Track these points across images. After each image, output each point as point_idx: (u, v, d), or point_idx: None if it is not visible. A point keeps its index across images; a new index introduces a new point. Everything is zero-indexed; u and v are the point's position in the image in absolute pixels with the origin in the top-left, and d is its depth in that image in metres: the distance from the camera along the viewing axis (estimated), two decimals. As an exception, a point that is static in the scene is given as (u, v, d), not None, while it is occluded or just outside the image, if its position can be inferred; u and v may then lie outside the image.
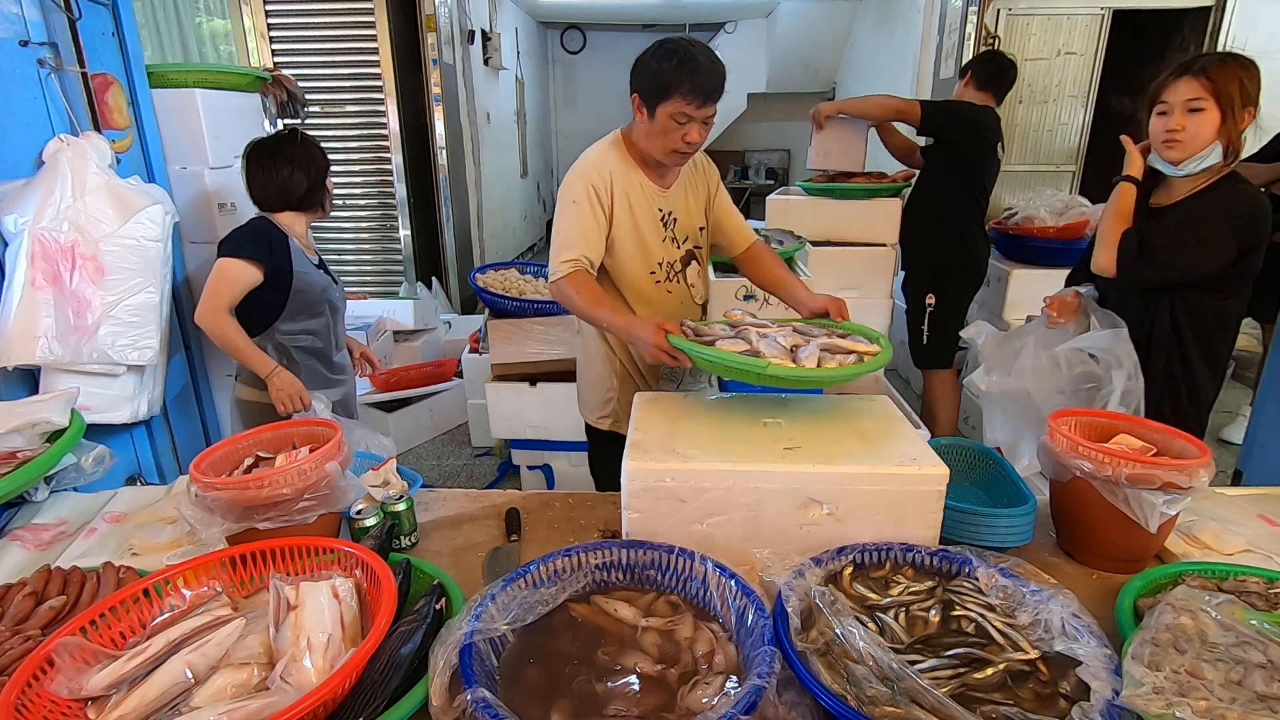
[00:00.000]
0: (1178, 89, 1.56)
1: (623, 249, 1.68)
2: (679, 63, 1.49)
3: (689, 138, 1.56)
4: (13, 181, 1.84)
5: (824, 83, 8.29)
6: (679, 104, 1.51)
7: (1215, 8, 4.28)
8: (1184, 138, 1.56)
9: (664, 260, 1.74)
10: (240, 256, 1.89)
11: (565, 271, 1.58)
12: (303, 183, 2.00)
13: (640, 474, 1.17)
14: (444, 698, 0.84)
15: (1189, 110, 1.55)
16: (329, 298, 2.10)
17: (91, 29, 2.00)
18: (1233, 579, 1.09)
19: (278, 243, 1.97)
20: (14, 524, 1.44)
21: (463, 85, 5.43)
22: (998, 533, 1.24)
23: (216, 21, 4.43)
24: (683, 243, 1.77)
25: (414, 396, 3.82)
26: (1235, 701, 0.81)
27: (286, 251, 1.98)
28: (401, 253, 5.20)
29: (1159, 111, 1.61)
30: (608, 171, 1.64)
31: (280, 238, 1.99)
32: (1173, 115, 1.57)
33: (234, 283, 1.89)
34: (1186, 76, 1.55)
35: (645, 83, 1.55)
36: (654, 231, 1.71)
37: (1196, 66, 1.55)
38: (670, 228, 1.73)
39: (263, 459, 1.34)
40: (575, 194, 1.63)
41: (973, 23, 4.37)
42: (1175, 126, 1.56)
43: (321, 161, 2.05)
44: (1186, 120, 1.55)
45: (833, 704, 0.83)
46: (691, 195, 1.77)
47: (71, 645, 0.88)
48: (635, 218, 1.67)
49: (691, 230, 1.78)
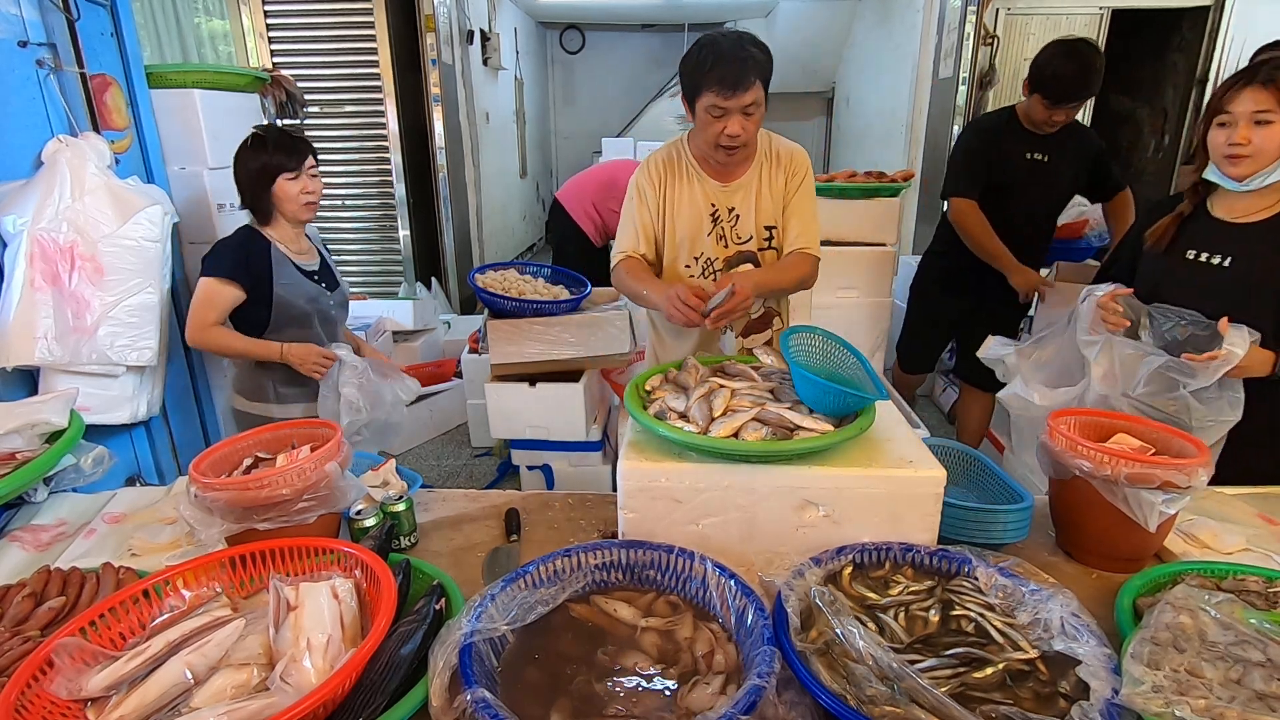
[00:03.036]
0: (1242, 99, 1.44)
1: (670, 239, 1.77)
2: (703, 55, 1.52)
3: (729, 130, 1.56)
4: (12, 182, 1.84)
5: (823, 83, 8.29)
6: (710, 97, 1.53)
7: (1214, 7, 4.29)
8: (1249, 152, 1.45)
9: (704, 254, 1.76)
10: (218, 276, 1.84)
11: (616, 260, 1.76)
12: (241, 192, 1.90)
13: (635, 473, 1.17)
14: (444, 698, 0.84)
15: (1255, 122, 1.43)
16: (320, 308, 2.00)
17: (90, 29, 2.00)
18: (1232, 578, 1.09)
19: (257, 256, 1.89)
20: (13, 525, 1.44)
21: (462, 85, 5.42)
22: (998, 529, 1.24)
23: (215, 22, 4.43)
24: (739, 241, 1.76)
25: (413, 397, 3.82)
26: (1234, 700, 0.81)
27: (268, 264, 1.89)
28: (401, 253, 5.20)
29: (1220, 123, 1.49)
30: (659, 168, 1.73)
31: (262, 249, 1.90)
32: (1237, 128, 1.45)
33: (214, 304, 1.84)
34: (1253, 85, 1.43)
35: (683, 82, 1.60)
36: (699, 226, 1.74)
37: (1264, 74, 1.42)
38: (722, 224, 1.74)
39: (262, 460, 1.34)
40: (630, 191, 1.76)
41: (972, 22, 4.38)
42: (1239, 140, 1.45)
43: (252, 164, 1.87)
44: (1252, 133, 1.44)
45: (832, 704, 0.83)
46: (767, 190, 1.74)
47: (71, 646, 0.88)
48: (682, 212, 1.73)
49: (756, 229, 1.76)
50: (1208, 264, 1.57)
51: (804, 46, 7.79)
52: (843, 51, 7.69)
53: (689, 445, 1.16)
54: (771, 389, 1.30)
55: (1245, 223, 1.56)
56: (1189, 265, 1.60)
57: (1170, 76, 4.72)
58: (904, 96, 5.49)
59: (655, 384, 1.38)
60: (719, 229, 1.74)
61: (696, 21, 8.54)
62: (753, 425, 1.17)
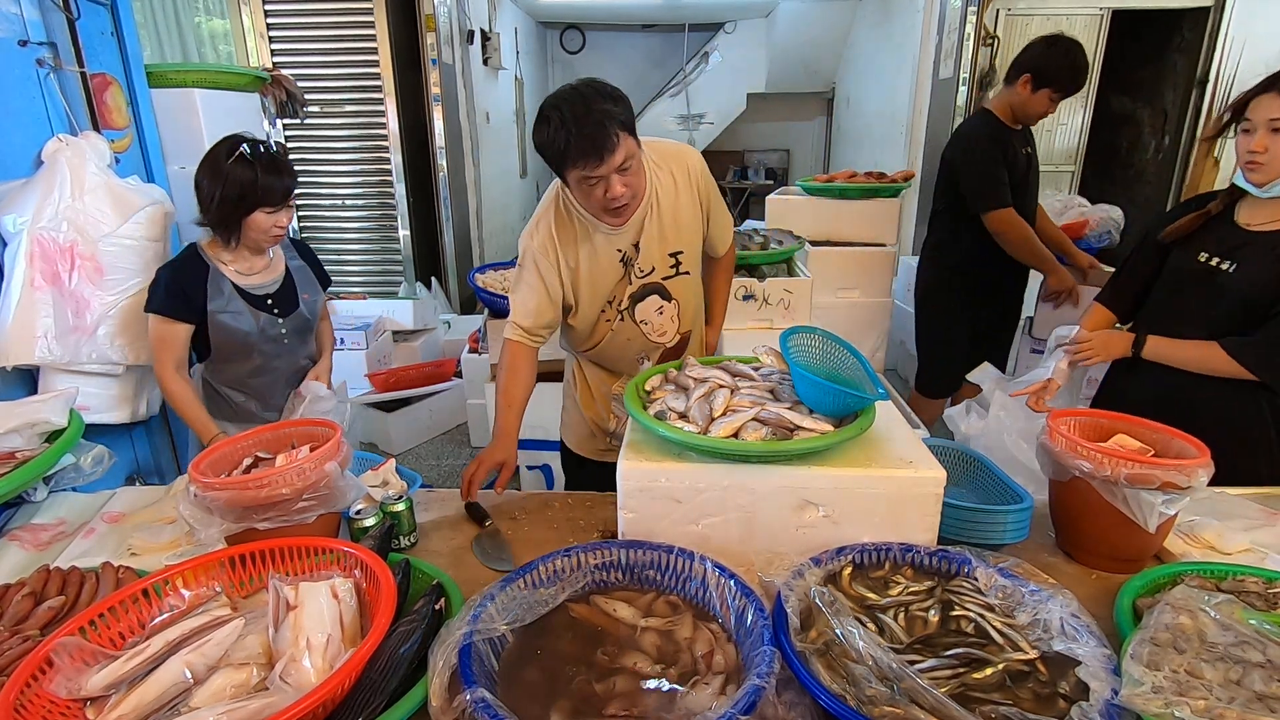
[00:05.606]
0: (1261, 105, 1.43)
1: (585, 298, 1.59)
2: (554, 134, 1.32)
3: (611, 194, 1.38)
4: (11, 181, 1.84)
5: (824, 83, 8.29)
6: (578, 171, 1.36)
7: (1215, 7, 4.29)
8: (1266, 159, 1.44)
9: (615, 298, 1.61)
10: (158, 312, 1.72)
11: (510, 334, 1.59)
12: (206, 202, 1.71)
13: (635, 473, 1.17)
14: (443, 698, 0.84)
15: (1273, 130, 1.42)
16: (268, 336, 1.84)
17: (90, 29, 2.00)
18: (1232, 579, 1.09)
19: (194, 284, 1.74)
20: (13, 524, 1.44)
21: (462, 85, 5.42)
22: (998, 529, 1.24)
23: (215, 21, 4.43)
24: (641, 275, 1.59)
25: (413, 397, 3.82)
26: (1234, 701, 0.81)
27: (203, 293, 1.74)
28: (401, 253, 5.20)
29: (1243, 129, 1.48)
30: (550, 234, 1.53)
31: (197, 275, 1.75)
32: (1256, 135, 1.44)
33: (162, 345, 1.74)
34: (1271, 93, 1.42)
35: (545, 160, 1.39)
36: (613, 275, 1.58)
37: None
38: (631, 264, 1.57)
39: (262, 459, 1.34)
40: (524, 260, 1.56)
41: (972, 23, 4.38)
42: (1257, 148, 1.44)
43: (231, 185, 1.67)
44: (1270, 141, 1.42)
45: (832, 704, 0.83)
46: (670, 211, 1.56)
47: (70, 645, 0.88)
48: (594, 268, 1.56)
49: (659, 257, 1.58)
50: (1216, 268, 1.57)
51: (804, 46, 7.79)
52: (843, 51, 7.69)
53: (689, 445, 1.16)
54: (771, 389, 1.30)
55: (1259, 230, 1.54)
56: (1197, 267, 1.60)
57: (1170, 77, 4.72)
58: (904, 97, 5.49)
59: (655, 384, 1.38)
60: (629, 270, 1.58)
61: (696, 22, 8.53)
62: (753, 425, 1.17)
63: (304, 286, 1.94)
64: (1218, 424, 1.44)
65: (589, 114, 1.30)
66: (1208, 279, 1.57)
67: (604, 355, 1.68)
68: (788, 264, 2.69)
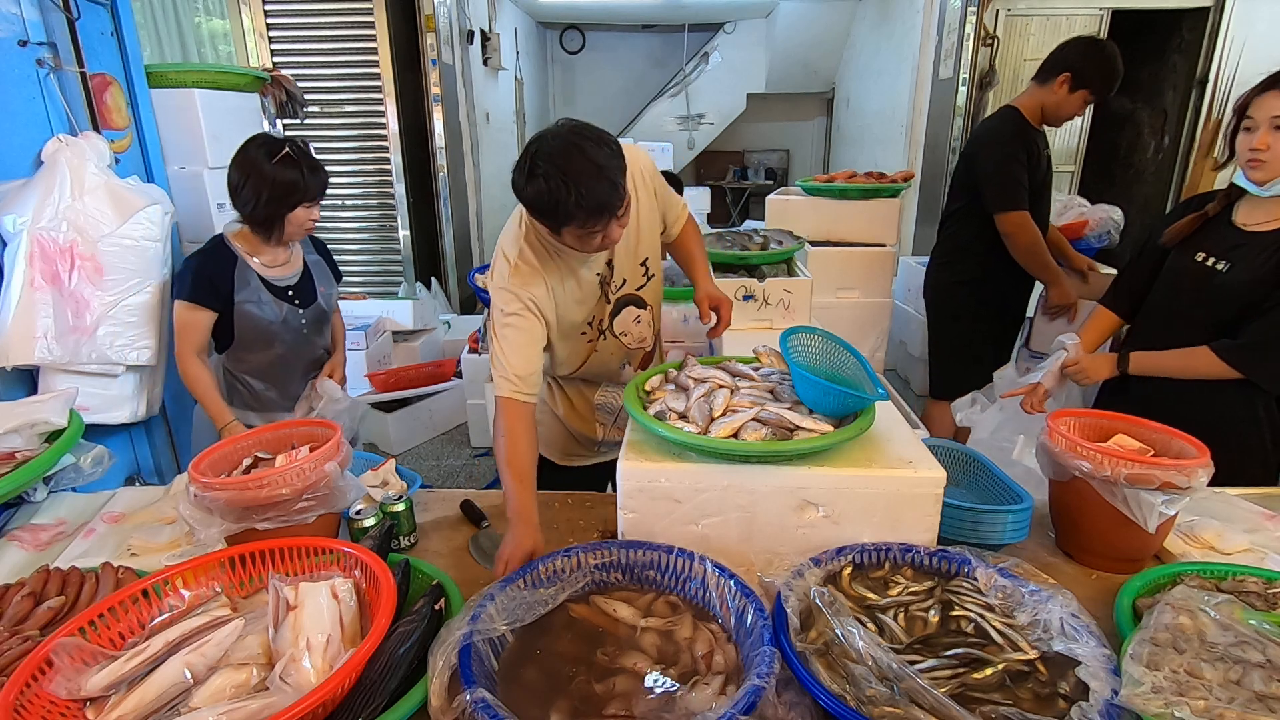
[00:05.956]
0: (1263, 103, 1.43)
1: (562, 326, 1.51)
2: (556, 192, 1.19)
3: (609, 239, 1.32)
4: (11, 181, 1.84)
5: (824, 83, 8.29)
6: (576, 229, 1.26)
7: (1214, 8, 4.29)
8: (1268, 158, 1.44)
9: (594, 318, 1.56)
10: (185, 299, 1.81)
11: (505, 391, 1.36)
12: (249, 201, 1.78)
13: (635, 474, 1.17)
14: (443, 698, 0.84)
15: (1275, 128, 1.42)
16: (290, 326, 1.93)
17: (90, 29, 2.00)
18: (1231, 579, 1.09)
19: (221, 274, 1.82)
20: (13, 524, 1.44)
21: (462, 85, 5.42)
22: (997, 529, 1.24)
23: (215, 21, 4.43)
24: (618, 290, 1.56)
25: (413, 397, 3.82)
26: (1234, 701, 0.81)
27: (230, 282, 1.83)
28: (401, 253, 5.20)
29: (1245, 127, 1.48)
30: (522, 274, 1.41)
31: (225, 265, 1.83)
32: (1257, 133, 1.45)
33: (186, 331, 1.82)
34: (1273, 90, 1.42)
35: (535, 216, 1.30)
36: (594, 298, 1.52)
37: None
38: (607, 284, 1.53)
39: (262, 459, 1.34)
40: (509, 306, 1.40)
41: (972, 23, 4.38)
42: (1259, 146, 1.44)
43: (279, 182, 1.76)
44: (1272, 139, 1.43)
45: (832, 704, 0.83)
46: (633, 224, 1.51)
47: (70, 646, 0.88)
48: (576, 297, 1.49)
49: (631, 269, 1.55)
50: (1212, 269, 1.57)
51: (804, 47, 7.79)
52: (842, 52, 7.70)
53: (689, 445, 1.16)
54: (771, 389, 1.30)
55: (1256, 230, 1.54)
56: (1194, 268, 1.60)
57: (1170, 77, 4.72)
58: (904, 97, 5.49)
59: (655, 384, 1.38)
60: (606, 290, 1.54)
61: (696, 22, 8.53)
62: (752, 425, 1.17)
63: (321, 280, 2.04)
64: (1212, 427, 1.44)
65: (592, 171, 1.19)
66: (1204, 279, 1.57)
67: (587, 372, 1.67)
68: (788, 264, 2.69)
